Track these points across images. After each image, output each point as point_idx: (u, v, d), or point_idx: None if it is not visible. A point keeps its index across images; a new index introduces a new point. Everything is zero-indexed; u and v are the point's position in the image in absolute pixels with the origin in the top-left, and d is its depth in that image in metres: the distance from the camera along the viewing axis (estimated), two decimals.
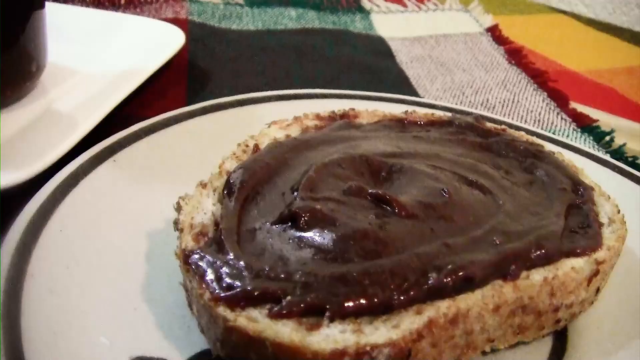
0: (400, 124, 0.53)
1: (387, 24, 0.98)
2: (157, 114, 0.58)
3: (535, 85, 0.82)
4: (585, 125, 0.74)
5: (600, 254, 0.42)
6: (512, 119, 0.74)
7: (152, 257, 0.44)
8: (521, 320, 0.40)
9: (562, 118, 0.75)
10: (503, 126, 0.55)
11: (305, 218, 0.38)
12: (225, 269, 0.36)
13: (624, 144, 0.71)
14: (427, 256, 0.37)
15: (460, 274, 0.36)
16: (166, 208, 0.46)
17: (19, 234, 0.41)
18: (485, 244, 0.39)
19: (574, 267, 0.40)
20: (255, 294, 0.35)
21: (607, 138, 0.72)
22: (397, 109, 0.56)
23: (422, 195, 0.41)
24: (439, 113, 0.57)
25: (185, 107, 0.57)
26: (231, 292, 0.35)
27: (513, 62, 0.89)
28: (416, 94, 0.78)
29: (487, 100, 0.77)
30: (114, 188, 0.48)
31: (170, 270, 0.42)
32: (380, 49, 0.90)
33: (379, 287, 0.35)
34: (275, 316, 0.34)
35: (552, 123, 0.74)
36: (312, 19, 0.96)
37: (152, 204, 0.47)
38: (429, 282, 0.36)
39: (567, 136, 0.71)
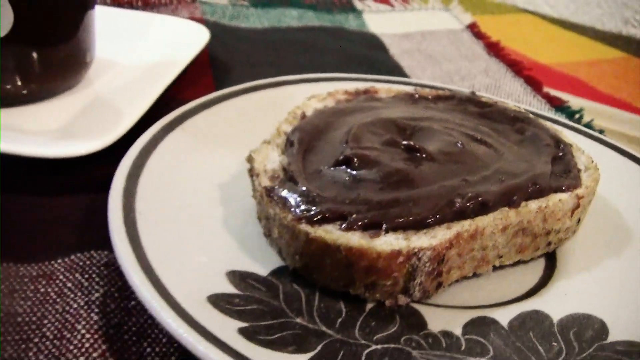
0: (412, 98, 0.65)
1: (378, 22, 1.10)
2: (193, 98, 0.68)
3: (513, 73, 0.95)
4: (558, 105, 0.87)
5: (580, 191, 0.54)
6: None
7: (226, 202, 0.54)
8: (522, 241, 0.52)
9: (538, 100, 0.88)
10: (495, 99, 0.67)
11: (357, 161, 0.50)
12: (301, 198, 0.47)
13: (592, 120, 0.84)
14: (452, 187, 0.49)
15: (479, 199, 0.48)
16: (229, 165, 0.57)
17: (122, 182, 0.51)
18: (493, 180, 0.51)
19: (560, 199, 0.52)
20: (327, 215, 0.46)
21: (577, 115, 0.84)
22: (406, 89, 0.67)
23: (441, 146, 0.53)
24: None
25: (231, 87, 0.67)
26: (309, 213, 0.46)
27: (492, 53, 1.02)
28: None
29: (473, 85, 0.89)
30: (186, 150, 0.58)
31: (242, 211, 0.53)
32: (374, 43, 1.02)
33: (420, 208, 0.46)
34: (345, 229, 0.45)
35: (530, 104, 0.86)
36: (311, 18, 1.08)
37: (218, 162, 0.58)
38: (456, 205, 0.47)
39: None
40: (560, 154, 0.58)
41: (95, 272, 0.50)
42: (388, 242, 0.44)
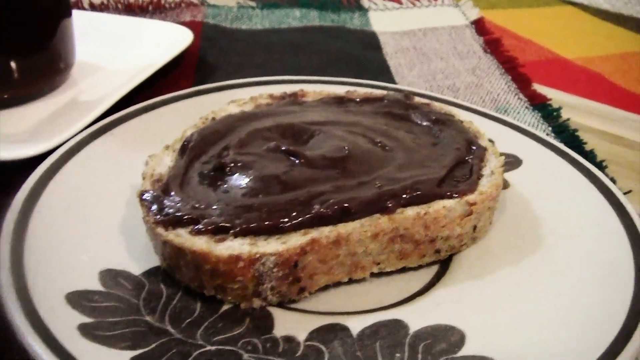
0: (339, 101, 0.65)
1: (383, 20, 1.09)
2: None
3: (503, 70, 0.92)
4: (538, 104, 0.83)
5: (471, 197, 0.52)
6: (473, 99, 0.84)
7: (130, 204, 0.57)
8: (401, 248, 0.51)
9: (518, 98, 0.84)
10: (428, 101, 0.66)
11: (230, 167, 0.51)
12: (165, 202, 0.49)
13: (568, 119, 0.80)
14: (316, 193, 0.49)
15: (340, 206, 0.48)
16: None
17: (31, 183, 0.55)
18: (369, 186, 0.50)
19: (445, 206, 0.51)
20: (184, 218, 0.48)
21: (555, 114, 0.81)
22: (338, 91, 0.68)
23: (326, 152, 0.53)
24: (378, 91, 0.68)
25: (173, 92, 0.70)
26: (165, 217, 0.48)
27: (488, 50, 0.98)
28: (393, 81, 0.89)
29: (454, 84, 0.87)
30: (108, 154, 0.61)
31: (139, 211, 0.56)
32: (370, 42, 1.02)
33: (273, 214, 0.47)
34: (194, 233, 0.47)
35: (508, 102, 0.83)
36: (313, 18, 1.09)
37: (137, 166, 0.61)
38: (313, 211, 0.48)
39: (518, 113, 0.81)
40: (468, 158, 0.56)
41: None
42: (231, 247, 0.45)
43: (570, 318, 0.47)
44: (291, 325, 0.47)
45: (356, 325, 0.47)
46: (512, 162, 0.65)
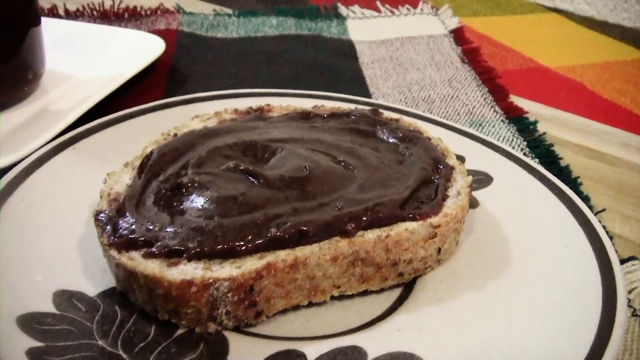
0: (305, 116, 0.64)
1: (360, 29, 1.08)
2: None
3: (480, 82, 0.91)
4: (514, 117, 0.82)
5: (435, 219, 0.51)
6: (447, 111, 0.83)
7: (90, 221, 0.55)
8: (362, 271, 0.50)
9: (494, 111, 0.83)
10: (398, 116, 0.65)
11: (187, 188, 0.50)
12: (119, 223, 0.48)
13: (544, 133, 0.79)
14: (273, 216, 0.48)
15: (298, 229, 0.47)
16: None
17: None
18: (328, 208, 0.49)
19: (407, 228, 0.50)
20: (137, 241, 0.46)
21: (531, 127, 0.80)
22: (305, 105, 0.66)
23: (286, 171, 0.52)
24: (347, 105, 0.67)
25: (139, 105, 0.69)
26: (119, 239, 0.46)
27: (466, 61, 0.98)
28: (367, 92, 0.88)
29: (429, 96, 0.86)
30: (70, 170, 0.60)
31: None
32: (346, 51, 1.00)
33: (228, 237, 0.46)
34: (147, 256, 0.45)
35: (483, 115, 0.82)
36: (290, 26, 1.08)
37: (99, 182, 0.59)
38: (269, 235, 0.46)
39: (493, 126, 0.80)
40: (433, 177, 0.55)
41: None
42: (184, 272, 0.44)
43: (536, 344, 0.46)
44: (246, 350, 0.46)
45: (313, 351, 0.46)
46: (482, 179, 0.64)
